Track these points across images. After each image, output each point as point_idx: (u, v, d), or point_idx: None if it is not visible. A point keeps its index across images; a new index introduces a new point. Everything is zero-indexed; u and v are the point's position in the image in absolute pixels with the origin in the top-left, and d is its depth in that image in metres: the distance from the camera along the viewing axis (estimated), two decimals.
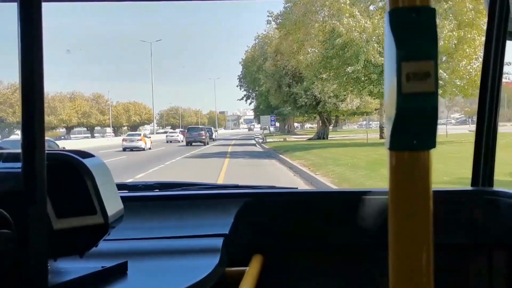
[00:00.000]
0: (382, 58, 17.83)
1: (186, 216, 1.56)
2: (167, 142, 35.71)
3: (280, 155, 18.16)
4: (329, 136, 32.41)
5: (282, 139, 34.90)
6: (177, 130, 47.71)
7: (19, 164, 0.72)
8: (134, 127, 77.03)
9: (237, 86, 52.24)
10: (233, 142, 37.55)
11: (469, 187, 1.71)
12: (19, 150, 0.72)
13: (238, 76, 52.44)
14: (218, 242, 1.31)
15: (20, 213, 0.71)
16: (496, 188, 1.65)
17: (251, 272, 1.31)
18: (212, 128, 46.90)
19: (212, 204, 1.63)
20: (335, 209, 1.62)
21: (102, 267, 0.97)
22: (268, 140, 32.69)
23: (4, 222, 0.72)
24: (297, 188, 1.90)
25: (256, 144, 32.37)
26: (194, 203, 1.64)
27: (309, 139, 32.66)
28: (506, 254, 1.58)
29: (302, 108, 31.63)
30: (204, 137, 31.22)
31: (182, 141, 34.49)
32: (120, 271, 1.00)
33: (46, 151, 0.71)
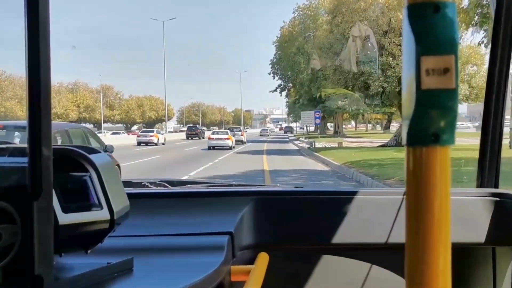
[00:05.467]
0: None
1: (192, 214, 1.56)
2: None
3: None
4: None
5: (336, 144, 24.26)
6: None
7: (25, 159, 0.70)
8: (149, 124, 68.42)
9: (269, 73, 41.80)
10: (265, 146, 27.28)
11: (474, 188, 1.75)
12: (26, 145, 0.71)
13: (271, 60, 41.79)
14: (223, 240, 1.31)
15: (25, 208, 0.70)
16: (501, 189, 1.69)
17: (256, 270, 1.32)
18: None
19: (217, 202, 1.64)
20: (343, 208, 1.61)
21: (108, 263, 0.97)
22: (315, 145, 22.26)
23: (9, 217, 0.72)
24: (302, 187, 1.86)
25: (302, 152, 21.75)
26: (200, 201, 1.65)
27: (383, 145, 21.65)
28: (510, 255, 1.66)
29: (375, 98, 20.75)
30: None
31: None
32: (126, 267, 1.02)
33: (53, 146, 0.71)
